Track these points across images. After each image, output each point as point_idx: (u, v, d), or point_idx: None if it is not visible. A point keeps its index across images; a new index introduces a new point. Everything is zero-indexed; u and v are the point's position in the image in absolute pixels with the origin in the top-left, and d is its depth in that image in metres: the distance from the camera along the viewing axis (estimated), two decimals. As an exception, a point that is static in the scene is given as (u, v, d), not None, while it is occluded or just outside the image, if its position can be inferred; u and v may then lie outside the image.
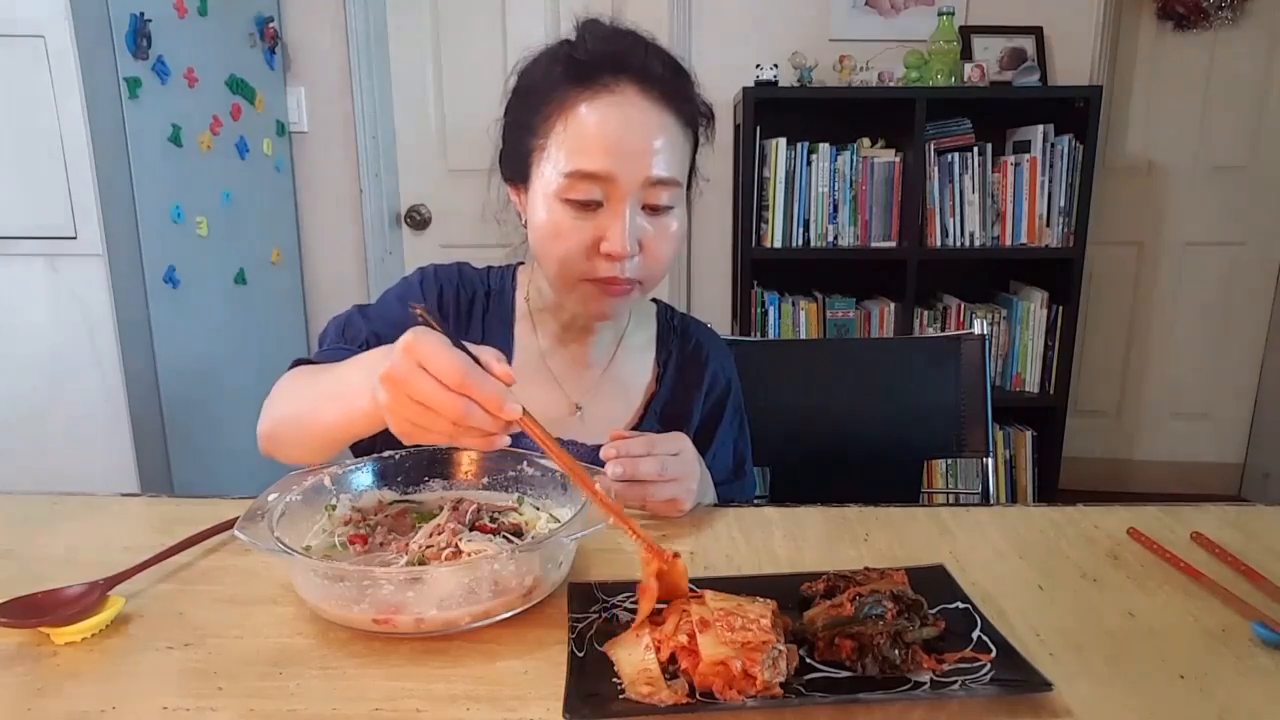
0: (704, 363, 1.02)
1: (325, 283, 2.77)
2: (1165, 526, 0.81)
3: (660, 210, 0.84)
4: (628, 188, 0.81)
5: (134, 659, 0.60)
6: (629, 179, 0.80)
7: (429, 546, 0.69)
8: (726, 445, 1.02)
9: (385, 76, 2.68)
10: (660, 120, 0.82)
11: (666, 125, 0.83)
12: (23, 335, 1.84)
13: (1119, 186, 2.77)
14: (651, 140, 0.81)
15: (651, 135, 0.81)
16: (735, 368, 1.08)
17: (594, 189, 0.81)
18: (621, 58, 0.82)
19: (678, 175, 0.84)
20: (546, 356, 0.98)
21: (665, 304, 1.08)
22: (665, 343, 1.02)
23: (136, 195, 1.90)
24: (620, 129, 0.81)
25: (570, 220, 0.82)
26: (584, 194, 0.81)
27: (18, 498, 0.90)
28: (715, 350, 1.04)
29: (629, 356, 1.01)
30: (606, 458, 0.78)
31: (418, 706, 0.54)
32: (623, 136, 0.81)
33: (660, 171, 0.82)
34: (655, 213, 0.84)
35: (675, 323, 1.05)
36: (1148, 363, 2.93)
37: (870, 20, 2.60)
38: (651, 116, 0.82)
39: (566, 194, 0.82)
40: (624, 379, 1.00)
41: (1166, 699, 0.55)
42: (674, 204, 0.85)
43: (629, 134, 0.81)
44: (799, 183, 2.45)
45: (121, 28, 1.84)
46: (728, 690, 0.53)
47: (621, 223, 0.81)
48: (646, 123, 0.82)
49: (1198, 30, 2.65)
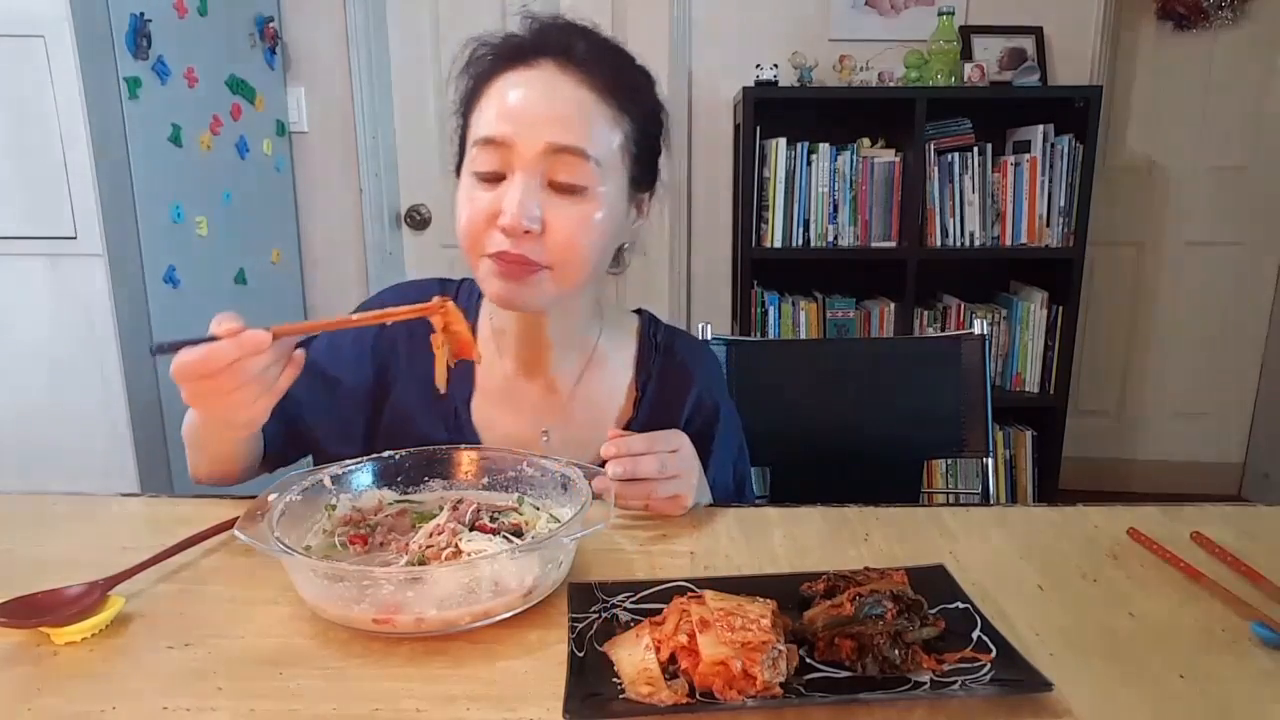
0: (687, 388, 0.96)
1: (325, 283, 2.77)
2: (1165, 526, 0.81)
3: (571, 190, 0.79)
4: (527, 155, 0.77)
5: (134, 659, 0.60)
6: (526, 145, 0.77)
7: (429, 546, 0.69)
8: (725, 468, 0.97)
9: (385, 76, 2.68)
10: (573, 93, 0.79)
11: (581, 99, 0.79)
12: (23, 335, 1.85)
13: (1119, 186, 2.77)
14: (557, 108, 0.78)
15: (556, 103, 0.78)
16: (726, 388, 1.03)
17: (495, 157, 0.78)
18: (547, 40, 0.81)
19: (587, 147, 0.78)
20: (510, 379, 0.94)
21: (650, 316, 1.01)
22: (646, 364, 0.96)
23: (136, 195, 1.90)
24: (524, 96, 0.79)
25: (474, 191, 0.80)
26: (487, 164, 0.79)
27: (18, 498, 0.90)
28: (701, 373, 0.98)
29: (603, 377, 0.95)
30: (607, 456, 0.78)
31: (418, 706, 0.54)
32: (526, 104, 0.79)
33: (560, 138, 0.77)
34: (565, 192, 0.79)
35: (659, 339, 0.98)
36: (1148, 363, 2.93)
37: (870, 20, 2.60)
38: (562, 88, 0.79)
39: (473, 166, 0.80)
40: (596, 401, 0.94)
41: (1166, 699, 0.55)
42: (587, 184, 0.79)
43: (532, 101, 0.79)
44: (799, 183, 2.45)
45: (121, 28, 1.84)
46: (728, 690, 0.53)
47: (514, 192, 0.77)
48: (554, 92, 0.79)
49: (1198, 30, 2.65)
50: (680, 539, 0.80)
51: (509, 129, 0.78)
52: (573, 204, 0.79)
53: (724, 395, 1.01)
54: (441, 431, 0.91)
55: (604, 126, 0.81)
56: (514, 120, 0.78)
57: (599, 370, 0.95)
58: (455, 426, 0.92)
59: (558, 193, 0.79)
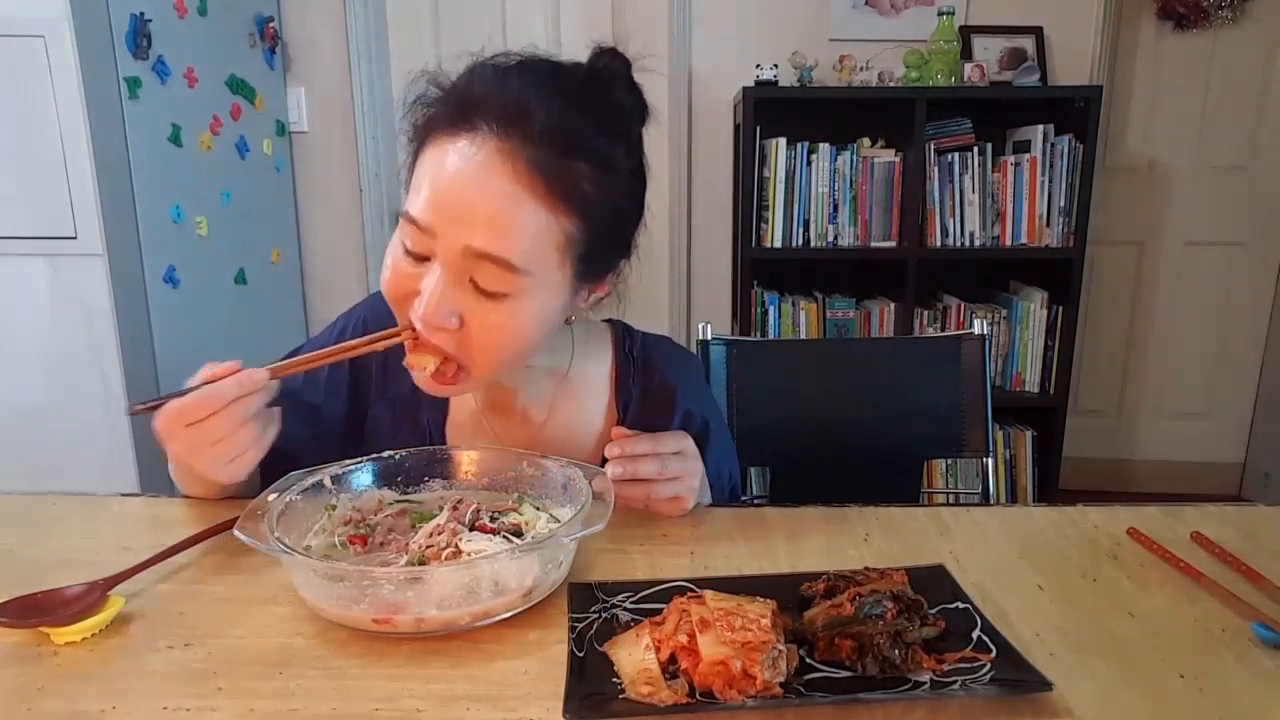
0: (672, 407, 0.90)
1: (325, 283, 2.77)
2: (1165, 526, 0.81)
3: (490, 294, 0.70)
4: (448, 252, 0.69)
5: (134, 659, 0.60)
6: (447, 243, 0.69)
7: (429, 546, 0.69)
8: (721, 477, 0.94)
9: (385, 77, 2.68)
10: (506, 188, 0.68)
11: (513, 196, 0.68)
12: (23, 335, 1.85)
13: (1119, 186, 2.77)
14: (481, 205, 0.68)
15: (485, 198, 0.68)
16: (710, 392, 1.01)
17: (420, 240, 0.71)
18: (494, 100, 0.69)
19: (511, 257, 0.68)
20: (482, 413, 0.90)
21: (623, 327, 0.94)
22: (624, 383, 0.91)
23: (136, 195, 1.90)
24: (453, 182, 0.68)
25: (401, 263, 0.73)
26: (414, 243, 0.71)
27: (18, 498, 0.90)
28: (685, 386, 0.93)
29: (578, 404, 0.90)
30: (609, 456, 0.78)
31: (418, 706, 0.54)
32: (452, 192, 0.68)
33: (481, 245, 0.68)
34: (486, 295, 0.70)
35: (635, 354, 0.92)
36: (1148, 363, 2.93)
37: (870, 20, 2.60)
38: (492, 179, 0.68)
39: (402, 234, 0.73)
40: (573, 427, 0.90)
41: (1166, 699, 0.55)
42: (508, 291, 0.70)
43: (460, 190, 0.68)
44: (799, 183, 2.45)
45: (121, 28, 1.84)
46: (728, 690, 0.53)
47: (430, 288, 0.70)
48: (485, 182, 0.68)
49: (1198, 30, 2.65)
50: (680, 539, 0.80)
51: (432, 218, 0.69)
52: (495, 307, 0.71)
53: (710, 403, 0.98)
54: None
55: (536, 231, 0.70)
56: (438, 210, 0.69)
57: (574, 396, 0.91)
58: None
59: (478, 292, 0.71)
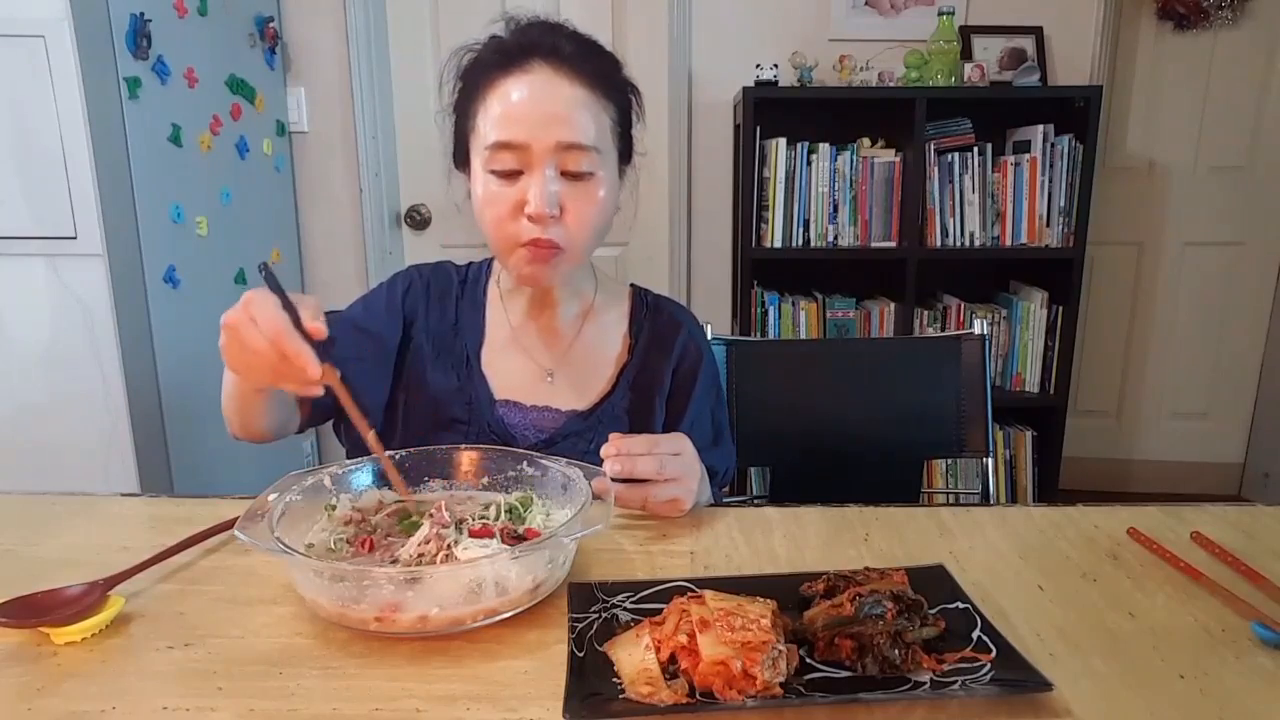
0: (675, 333, 1.07)
1: (325, 283, 2.76)
2: (1165, 526, 0.81)
3: (581, 176, 0.90)
4: (541, 153, 0.88)
5: (134, 659, 0.60)
6: (541, 145, 0.88)
7: (420, 555, 0.68)
8: (704, 415, 1.06)
9: (385, 76, 2.68)
10: (570, 92, 0.89)
11: (578, 96, 0.90)
12: (23, 335, 1.84)
13: (1119, 186, 2.77)
14: (560, 109, 0.89)
15: (560, 105, 0.89)
16: (709, 343, 1.12)
17: (512, 158, 0.89)
18: (534, 42, 0.91)
19: (592, 141, 0.90)
20: (517, 332, 1.04)
21: (642, 288, 1.12)
22: (638, 318, 1.08)
23: (136, 195, 1.90)
24: (530, 101, 0.89)
25: (497, 188, 0.90)
26: (505, 164, 0.89)
27: (18, 498, 0.90)
28: (688, 322, 1.09)
29: (599, 329, 1.06)
30: (606, 456, 0.78)
31: (418, 706, 0.54)
32: (533, 107, 0.89)
33: (568, 136, 0.88)
34: (576, 179, 0.90)
35: (649, 301, 1.10)
36: (1148, 363, 2.93)
37: (870, 20, 2.60)
38: (560, 89, 0.89)
39: (491, 165, 0.90)
40: (594, 348, 1.05)
41: (1166, 699, 0.55)
42: (594, 170, 0.91)
43: (538, 105, 0.89)
44: (799, 183, 2.45)
45: (121, 28, 1.84)
46: (728, 690, 0.53)
47: (537, 185, 0.88)
48: (555, 95, 0.89)
49: (1198, 30, 2.64)
50: (680, 539, 0.80)
51: (522, 132, 0.88)
52: (583, 188, 0.91)
53: (707, 345, 1.11)
54: (453, 378, 1.01)
55: (599, 118, 0.92)
56: (524, 124, 0.88)
57: (596, 321, 1.06)
58: (466, 373, 1.01)
59: (569, 180, 0.90)
